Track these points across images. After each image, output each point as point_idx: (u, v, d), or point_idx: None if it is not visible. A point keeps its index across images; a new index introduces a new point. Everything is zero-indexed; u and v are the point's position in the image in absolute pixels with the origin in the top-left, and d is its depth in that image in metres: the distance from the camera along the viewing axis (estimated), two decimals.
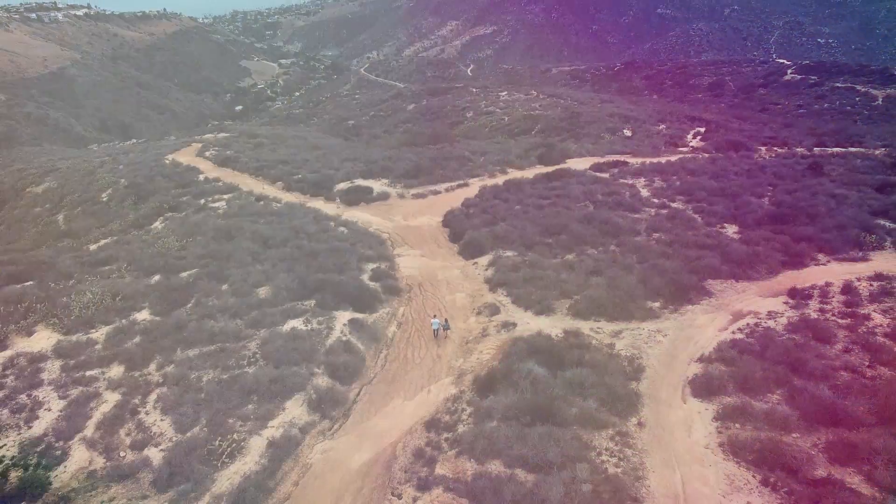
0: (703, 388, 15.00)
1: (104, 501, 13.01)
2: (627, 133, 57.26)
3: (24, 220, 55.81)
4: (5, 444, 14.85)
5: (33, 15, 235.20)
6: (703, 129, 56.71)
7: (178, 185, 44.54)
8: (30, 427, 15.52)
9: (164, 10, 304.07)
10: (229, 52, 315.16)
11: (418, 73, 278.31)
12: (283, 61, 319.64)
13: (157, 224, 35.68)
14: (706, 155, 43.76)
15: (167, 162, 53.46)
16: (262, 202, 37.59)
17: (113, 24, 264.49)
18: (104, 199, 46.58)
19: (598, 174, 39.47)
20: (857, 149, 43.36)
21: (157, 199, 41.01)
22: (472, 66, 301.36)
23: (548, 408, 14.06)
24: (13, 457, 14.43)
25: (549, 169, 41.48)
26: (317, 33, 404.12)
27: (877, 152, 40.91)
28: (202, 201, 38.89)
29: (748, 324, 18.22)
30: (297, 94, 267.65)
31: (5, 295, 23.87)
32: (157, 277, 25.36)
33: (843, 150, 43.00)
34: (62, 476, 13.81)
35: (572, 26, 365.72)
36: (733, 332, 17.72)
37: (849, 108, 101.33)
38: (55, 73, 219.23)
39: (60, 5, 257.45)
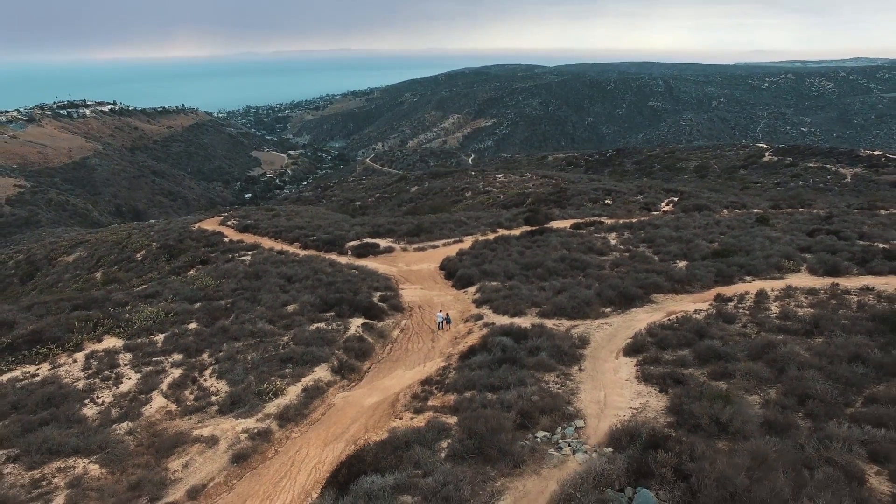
0: (631, 349, 19.80)
1: (183, 420, 17.64)
2: (608, 202, 63.51)
3: (56, 283, 60.95)
4: (103, 396, 19.55)
5: (64, 111, 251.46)
6: (676, 199, 62.95)
7: (207, 244, 50.31)
8: (118, 387, 20.23)
9: (183, 105, 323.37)
10: (241, 143, 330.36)
11: (421, 163, 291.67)
12: (291, 152, 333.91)
13: (192, 272, 41.01)
14: (673, 215, 49.59)
15: (194, 229, 59.36)
16: (283, 255, 43.09)
17: (135, 119, 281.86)
18: (139, 259, 52.11)
19: (575, 231, 45.09)
20: (805, 209, 49.22)
21: (189, 255, 46.59)
22: (472, 156, 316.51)
23: (512, 359, 18.90)
24: (110, 402, 19.12)
25: (534, 228, 47.21)
26: (325, 126, 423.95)
27: (821, 212, 46.66)
28: (230, 255, 44.42)
29: (676, 316, 23.16)
30: (305, 182, 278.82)
31: (75, 315, 28.91)
32: (199, 304, 30.46)
33: (793, 209, 48.87)
34: (148, 411, 18.44)
35: (569, 119, 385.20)
36: (663, 321, 22.63)
37: (822, 185, 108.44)
38: (78, 163, 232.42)
39: (89, 102, 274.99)
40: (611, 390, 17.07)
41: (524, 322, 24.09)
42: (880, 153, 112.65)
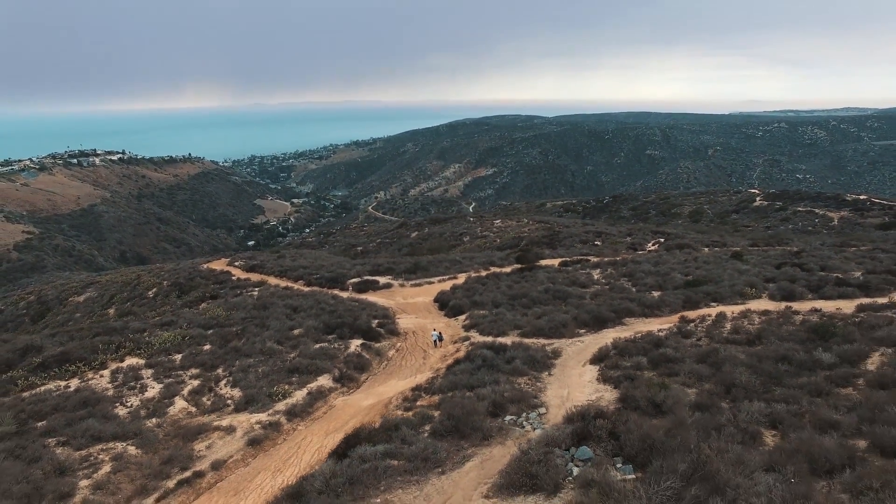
0: (596, 358, 22.50)
1: (204, 416, 20.27)
2: (597, 243, 66.64)
3: (67, 322, 63.42)
4: (131, 400, 22.20)
5: (75, 160, 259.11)
6: (662, 239, 66.06)
7: (216, 282, 53.27)
8: (143, 394, 22.90)
9: (189, 154, 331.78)
10: (245, 191, 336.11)
11: (423, 211, 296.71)
12: (295, 200, 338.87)
13: (203, 305, 43.83)
14: (656, 252, 52.59)
15: (203, 268, 62.41)
16: (288, 290, 45.99)
17: (142, 167, 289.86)
18: (150, 296, 54.98)
19: (563, 267, 48.00)
20: (781, 247, 52.27)
21: (199, 291, 49.49)
22: (473, 204, 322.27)
23: (490, 365, 21.62)
24: (138, 404, 21.77)
25: (524, 265, 50.17)
26: (328, 175, 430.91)
27: (793, 249, 49.66)
28: (238, 291, 47.31)
29: (641, 333, 25.88)
30: (308, 230, 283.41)
31: (98, 339, 31.67)
32: (212, 330, 33.21)
33: (769, 247, 51.89)
34: (172, 411, 21.09)
35: (568, 167, 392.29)
36: (628, 336, 25.35)
37: (810, 228, 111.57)
38: (85, 210, 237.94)
39: (99, 151, 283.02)
40: (574, 389, 19.74)
41: (506, 340, 26.82)
42: (865, 197, 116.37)
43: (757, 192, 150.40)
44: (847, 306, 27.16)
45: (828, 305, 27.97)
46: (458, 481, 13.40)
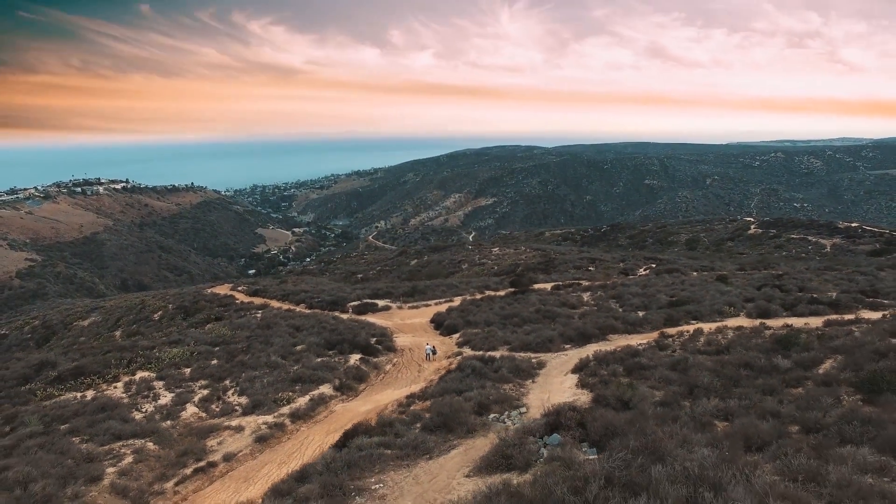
0: (577, 368, 24.28)
1: (214, 419, 21.98)
2: (591, 268, 68.62)
3: (73, 346, 64.86)
4: (146, 406, 23.93)
5: (79, 189, 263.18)
6: (654, 265, 68.03)
7: (220, 305, 55.09)
8: (157, 401, 24.63)
9: (192, 183, 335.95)
10: (247, 220, 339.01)
11: (423, 240, 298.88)
12: (296, 230, 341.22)
13: (209, 326, 45.61)
14: (646, 277, 54.49)
15: (207, 293, 64.27)
16: (290, 312, 47.81)
17: (145, 196, 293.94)
18: (156, 318, 56.75)
19: (555, 291, 49.91)
20: (766, 270, 54.22)
21: (204, 314, 51.31)
22: (473, 234, 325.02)
23: (478, 373, 23.40)
24: (152, 410, 23.49)
25: (517, 289, 52.07)
26: (329, 205, 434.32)
27: (779, 272, 51.57)
28: (242, 313, 49.12)
29: (621, 347, 27.66)
30: (308, 259, 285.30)
31: (110, 355, 33.45)
32: (218, 347, 35.01)
33: (755, 271, 53.84)
34: (184, 415, 22.81)
35: (567, 197, 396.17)
36: (609, 349, 27.13)
37: (803, 255, 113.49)
38: (88, 238, 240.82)
39: (103, 180, 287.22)
40: (554, 393, 21.50)
41: (496, 354, 28.60)
42: (857, 224, 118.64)
43: (752, 220, 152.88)
44: (815, 322, 28.96)
45: (798, 321, 29.78)
46: (443, 465, 15.14)
